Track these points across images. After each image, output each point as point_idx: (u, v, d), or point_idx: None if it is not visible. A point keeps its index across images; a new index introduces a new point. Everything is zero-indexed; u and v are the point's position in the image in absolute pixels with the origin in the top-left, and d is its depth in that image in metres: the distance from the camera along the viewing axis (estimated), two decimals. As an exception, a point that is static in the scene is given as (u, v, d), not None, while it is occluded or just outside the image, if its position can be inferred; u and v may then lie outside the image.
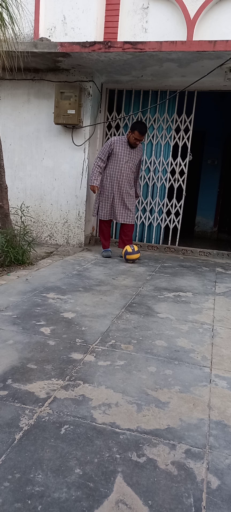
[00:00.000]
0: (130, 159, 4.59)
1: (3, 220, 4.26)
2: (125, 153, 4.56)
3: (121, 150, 4.55)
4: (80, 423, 1.50)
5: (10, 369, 1.87)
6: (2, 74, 4.68)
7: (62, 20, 5.21)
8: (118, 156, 4.56)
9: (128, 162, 4.57)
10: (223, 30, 4.62)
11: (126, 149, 4.56)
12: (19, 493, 1.15)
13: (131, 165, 4.62)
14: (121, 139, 4.56)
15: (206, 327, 2.67)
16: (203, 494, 1.20)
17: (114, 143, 4.55)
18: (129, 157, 4.58)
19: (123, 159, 4.55)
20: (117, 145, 4.55)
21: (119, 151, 4.55)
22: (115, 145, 4.55)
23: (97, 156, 4.69)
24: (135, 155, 4.63)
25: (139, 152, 4.69)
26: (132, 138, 4.46)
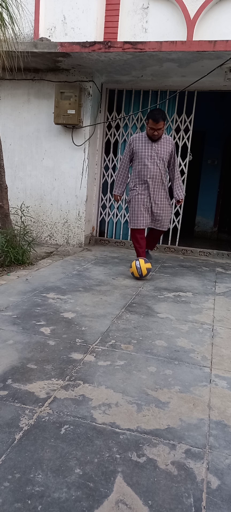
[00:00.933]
0: (155, 154, 3.90)
1: (3, 220, 4.26)
2: (146, 149, 3.93)
3: (141, 146, 3.97)
4: (80, 423, 1.50)
5: (10, 369, 1.87)
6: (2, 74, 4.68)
7: (62, 20, 5.21)
8: (139, 154, 3.95)
9: (153, 158, 3.90)
10: (223, 30, 4.62)
11: (147, 144, 3.93)
12: (19, 493, 1.15)
13: (158, 161, 3.91)
14: (140, 135, 3.99)
15: (206, 327, 2.67)
16: (203, 494, 1.20)
17: (133, 141, 3.99)
18: (153, 152, 3.90)
19: (145, 155, 3.93)
20: (136, 142, 3.97)
21: (139, 147, 3.97)
22: (134, 143, 3.99)
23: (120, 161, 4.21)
24: (160, 149, 3.93)
25: (165, 145, 3.96)
26: (148, 129, 3.86)
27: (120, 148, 5.66)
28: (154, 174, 3.91)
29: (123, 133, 5.63)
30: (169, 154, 3.97)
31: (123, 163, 4.08)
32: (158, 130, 3.81)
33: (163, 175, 3.98)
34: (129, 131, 5.57)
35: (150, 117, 3.78)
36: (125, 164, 4.06)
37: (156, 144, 3.91)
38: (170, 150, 3.97)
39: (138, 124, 5.55)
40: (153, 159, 3.91)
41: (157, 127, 3.79)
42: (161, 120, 3.77)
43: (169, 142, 3.98)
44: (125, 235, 5.85)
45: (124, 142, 5.65)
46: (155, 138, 3.88)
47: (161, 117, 3.78)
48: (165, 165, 3.98)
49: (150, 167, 3.91)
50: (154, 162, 3.91)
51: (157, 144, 3.92)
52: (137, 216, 3.97)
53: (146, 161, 3.91)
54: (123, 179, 4.09)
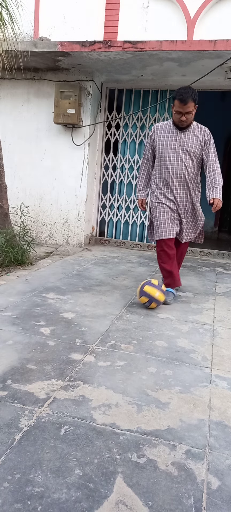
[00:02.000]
0: (180, 147, 3.06)
1: (3, 220, 4.25)
2: (169, 139, 3.09)
3: (163, 136, 3.12)
4: (80, 423, 1.49)
5: (10, 369, 1.86)
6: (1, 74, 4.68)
7: (62, 19, 5.21)
8: (160, 146, 3.13)
9: (177, 151, 3.07)
10: (224, 29, 4.62)
11: (171, 134, 3.09)
12: (19, 494, 1.14)
13: (183, 155, 3.06)
14: (164, 123, 3.20)
15: (207, 328, 2.67)
16: (203, 494, 1.20)
17: (154, 130, 3.20)
18: (177, 143, 3.06)
19: (166, 147, 3.09)
20: (158, 132, 3.17)
21: (161, 138, 3.13)
22: (156, 132, 3.18)
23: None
24: (188, 140, 3.06)
25: (196, 135, 3.07)
26: (173, 114, 3.03)
27: (120, 148, 5.66)
28: (177, 173, 3.09)
29: (123, 132, 5.62)
30: (201, 148, 3.08)
31: (143, 161, 3.34)
32: (186, 115, 2.96)
33: (190, 175, 3.11)
34: (129, 131, 5.57)
35: (177, 97, 2.94)
36: (145, 161, 3.32)
37: (183, 134, 3.06)
38: (202, 143, 3.08)
39: (138, 124, 5.54)
40: (176, 152, 3.07)
41: (184, 110, 2.93)
42: (190, 101, 2.90)
43: (201, 133, 3.08)
44: (125, 235, 5.85)
45: (124, 141, 5.65)
46: (183, 125, 3.03)
47: (191, 97, 2.90)
48: (194, 162, 3.09)
49: (172, 162, 3.08)
50: (177, 156, 3.07)
51: (185, 134, 3.07)
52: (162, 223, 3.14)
53: (166, 154, 3.10)
54: (144, 180, 3.35)
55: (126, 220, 5.76)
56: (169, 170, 3.10)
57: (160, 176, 3.17)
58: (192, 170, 3.11)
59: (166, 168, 3.12)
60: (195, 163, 3.11)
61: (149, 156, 3.29)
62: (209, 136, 3.11)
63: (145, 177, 3.35)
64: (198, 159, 3.12)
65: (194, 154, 3.08)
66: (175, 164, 3.08)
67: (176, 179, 3.11)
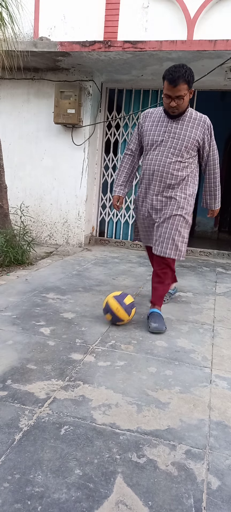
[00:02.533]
0: (171, 139, 2.49)
1: (3, 220, 4.25)
2: (159, 129, 2.53)
3: (152, 125, 2.57)
4: (80, 423, 1.49)
5: (10, 369, 1.86)
6: (1, 74, 4.68)
7: (62, 19, 5.21)
8: (147, 137, 2.57)
9: (166, 145, 2.50)
10: (224, 29, 4.62)
11: (162, 122, 2.54)
12: (19, 494, 1.14)
13: (173, 149, 2.49)
14: (155, 110, 2.65)
15: (207, 328, 2.67)
16: (203, 494, 1.20)
17: (143, 117, 2.66)
18: (168, 134, 2.50)
19: (155, 138, 2.53)
20: (146, 119, 2.62)
21: (149, 126, 2.58)
22: (144, 120, 2.63)
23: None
24: (182, 130, 2.49)
25: (192, 126, 2.50)
26: (164, 99, 2.45)
27: (120, 148, 5.66)
28: (163, 172, 2.50)
29: (123, 132, 5.62)
30: (197, 142, 2.50)
31: (126, 152, 2.75)
32: (176, 99, 2.38)
33: (180, 177, 2.52)
34: (129, 131, 5.57)
35: (165, 77, 2.39)
36: (129, 153, 2.72)
37: (175, 124, 2.49)
38: (200, 137, 2.49)
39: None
40: (164, 146, 2.50)
41: (174, 94, 2.36)
42: (181, 82, 2.32)
43: (200, 123, 2.50)
44: (125, 235, 5.85)
45: (124, 141, 5.64)
46: (174, 113, 2.46)
47: (182, 77, 2.32)
48: (187, 159, 2.52)
49: (158, 158, 2.51)
50: (165, 150, 2.49)
51: (177, 123, 2.49)
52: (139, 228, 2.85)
53: (152, 148, 2.55)
54: (125, 175, 2.73)
55: (126, 220, 5.76)
56: (154, 168, 2.52)
57: (144, 173, 2.63)
58: (179, 167, 2.50)
59: (150, 164, 2.55)
60: (186, 160, 2.51)
61: (135, 148, 2.71)
62: (209, 128, 2.53)
63: (126, 171, 2.73)
64: (191, 155, 2.53)
65: (187, 150, 2.48)
66: (162, 160, 2.49)
67: (160, 179, 2.52)
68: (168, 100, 2.41)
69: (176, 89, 2.35)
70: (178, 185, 2.54)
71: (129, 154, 2.74)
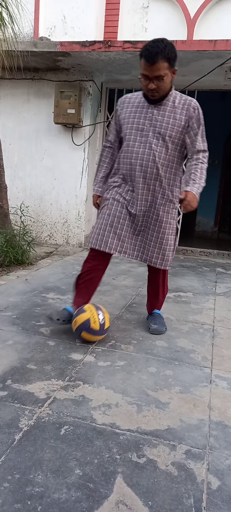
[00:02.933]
0: (152, 127, 2.15)
1: (3, 220, 4.25)
2: (138, 116, 2.19)
3: (130, 111, 2.23)
4: (80, 423, 1.49)
5: (10, 369, 1.86)
6: (1, 74, 4.68)
7: (62, 19, 5.21)
8: (125, 125, 2.23)
9: (147, 134, 2.16)
10: (224, 29, 4.62)
11: (141, 108, 2.20)
12: (19, 494, 1.14)
13: (156, 140, 2.14)
14: (134, 95, 2.30)
15: (207, 328, 2.67)
16: (203, 494, 1.20)
17: (120, 103, 2.31)
18: (148, 121, 2.16)
19: (134, 127, 2.19)
20: (124, 106, 2.28)
21: (127, 113, 2.24)
22: (122, 107, 2.29)
23: None
24: (164, 117, 2.15)
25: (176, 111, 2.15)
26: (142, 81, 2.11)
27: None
28: (145, 164, 2.16)
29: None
30: (182, 129, 2.14)
31: (106, 145, 2.40)
32: (155, 80, 2.03)
33: (163, 170, 2.18)
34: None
35: (141, 54, 2.05)
36: (109, 145, 2.38)
37: (156, 110, 2.15)
38: (185, 122, 2.13)
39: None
40: (145, 135, 2.15)
41: (152, 73, 2.01)
42: (160, 59, 1.99)
43: (184, 107, 2.14)
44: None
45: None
46: (154, 97, 2.11)
47: (161, 54, 1.99)
48: (171, 150, 2.16)
49: (136, 149, 2.17)
50: (145, 141, 2.15)
51: (158, 109, 2.15)
52: (100, 231, 2.25)
53: (131, 137, 2.19)
54: (104, 171, 2.41)
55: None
56: (131, 160, 2.18)
57: (121, 166, 2.26)
58: (164, 162, 2.17)
59: (128, 156, 2.20)
60: (172, 151, 2.17)
61: (114, 140, 2.35)
62: (196, 112, 2.15)
63: (106, 166, 2.39)
64: (177, 145, 2.17)
65: (171, 139, 2.13)
66: (140, 151, 2.16)
67: (139, 173, 2.18)
68: (146, 82, 2.07)
69: (154, 68, 2.00)
70: (162, 183, 2.21)
71: (108, 146, 2.39)
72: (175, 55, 2.10)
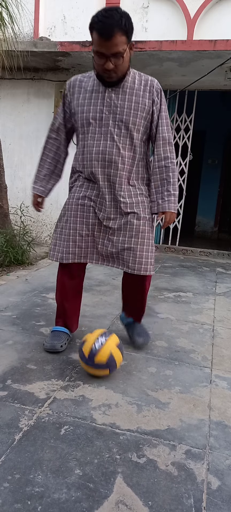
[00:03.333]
0: (112, 114, 1.85)
1: (3, 220, 4.25)
2: (94, 102, 1.87)
3: (83, 97, 1.90)
4: (80, 423, 1.49)
5: (10, 369, 1.86)
6: (1, 74, 4.68)
7: (62, 19, 5.20)
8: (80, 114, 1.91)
9: (107, 122, 1.86)
10: (224, 29, 4.62)
11: (97, 92, 1.87)
12: (19, 494, 1.14)
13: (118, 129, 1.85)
14: (85, 76, 1.95)
15: (207, 328, 2.67)
16: (203, 494, 1.20)
17: (70, 87, 1.96)
18: (107, 108, 1.85)
19: (90, 115, 1.88)
20: (75, 89, 1.94)
21: (80, 99, 1.91)
22: (72, 91, 1.94)
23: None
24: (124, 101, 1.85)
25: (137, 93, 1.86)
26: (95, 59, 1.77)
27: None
28: (108, 159, 1.86)
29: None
30: (146, 113, 1.87)
31: (50, 135, 2.07)
32: (113, 58, 1.70)
33: (127, 162, 1.88)
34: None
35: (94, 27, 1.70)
36: (54, 135, 2.06)
37: (114, 94, 1.83)
38: (147, 104, 1.86)
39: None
40: (104, 125, 1.85)
41: (109, 50, 1.68)
42: (118, 33, 1.65)
43: (146, 88, 1.86)
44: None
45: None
46: (111, 79, 1.78)
47: (118, 26, 1.65)
48: (135, 139, 1.87)
49: (97, 141, 1.87)
50: (105, 131, 1.85)
51: (117, 92, 1.83)
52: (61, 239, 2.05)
53: (88, 128, 1.88)
54: (48, 166, 2.11)
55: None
56: (92, 156, 1.88)
57: (80, 165, 1.99)
58: (130, 154, 1.88)
59: (88, 152, 1.90)
60: (137, 141, 1.88)
61: (61, 128, 2.02)
62: (159, 94, 1.88)
63: (50, 161, 2.08)
64: (143, 134, 1.89)
65: (136, 127, 1.85)
66: (101, 145, 1.85)
67: (102, 169, 1.88)
68: (101, 61, 1.72)
69: (111, 44, 1.66)
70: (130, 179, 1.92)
71: (54, 138, 2.05)
72: (132, 27, 1.73)
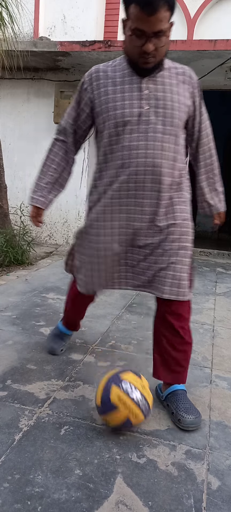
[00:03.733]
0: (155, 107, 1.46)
1: (3, 220, 4.25)
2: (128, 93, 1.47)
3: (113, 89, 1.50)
4: (80, 423, 1.49)
5: (10, 369, 1.86)
6: (1, 74, 4.67)
7: (62, 19, 5.20)
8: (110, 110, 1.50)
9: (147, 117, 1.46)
10: (224, 29, 4.62)
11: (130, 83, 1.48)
12: (19, 494, 1.14)
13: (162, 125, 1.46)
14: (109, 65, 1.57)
15: (207, 328, 2.66)
16: (203, 495, 1.20)
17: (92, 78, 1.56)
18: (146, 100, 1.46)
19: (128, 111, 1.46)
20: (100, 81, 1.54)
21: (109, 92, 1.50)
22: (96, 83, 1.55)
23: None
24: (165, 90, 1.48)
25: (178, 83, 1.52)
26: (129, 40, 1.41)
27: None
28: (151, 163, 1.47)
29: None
30: (187, 106, 1.55)
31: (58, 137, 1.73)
32: (155, 38, 1.37)
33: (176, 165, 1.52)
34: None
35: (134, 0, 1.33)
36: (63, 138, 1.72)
37: (152, 83, 1.48)
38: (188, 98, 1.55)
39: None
40: (144, 121, 1.47)
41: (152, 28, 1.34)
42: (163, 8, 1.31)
43: (184, 79, 1.55)
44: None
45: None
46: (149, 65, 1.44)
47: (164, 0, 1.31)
48: (179, 134, 1.52)
49: (135, 144, 1.47)
50: (147, 130, 1.47)
51: (155, 81, 1.49)
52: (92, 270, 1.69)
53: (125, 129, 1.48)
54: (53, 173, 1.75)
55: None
56: (130, 160, 1.47)
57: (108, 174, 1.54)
58: (173, 155, 1.50)
59: (123, 157, 1.48)
60: (179, 139, 1.52)
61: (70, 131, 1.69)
62: (198, 87, 1.63)
63: (55, 167, 1.71)
64: (182, 129, 1.55)
65: (179, 122, 1.50)
66: (142, 146, 1.45)
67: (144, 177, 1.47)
68: (139, 41, 1.36)
69: (154, 20, 1.32)
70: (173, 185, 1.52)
71: (61, 140, 1.70)
72: (176, 3, 1.41)
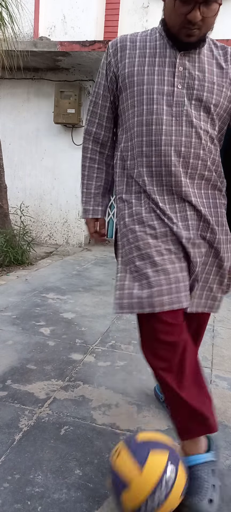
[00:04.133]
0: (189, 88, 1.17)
1: (3, 220, 4.25)
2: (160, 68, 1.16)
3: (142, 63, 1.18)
4: (80, 424, 1.49)
5: (10, 369, 1.86)
6: (1, 74, 4.67)
7: (62, 19, 5.21)
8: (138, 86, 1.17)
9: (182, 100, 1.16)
10: (224, 29, 4.62)
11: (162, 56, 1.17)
12: (19, 494, 1.14)
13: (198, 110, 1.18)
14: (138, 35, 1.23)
15: (207, 328, 2.65)
16: (203, 495, 1.20)
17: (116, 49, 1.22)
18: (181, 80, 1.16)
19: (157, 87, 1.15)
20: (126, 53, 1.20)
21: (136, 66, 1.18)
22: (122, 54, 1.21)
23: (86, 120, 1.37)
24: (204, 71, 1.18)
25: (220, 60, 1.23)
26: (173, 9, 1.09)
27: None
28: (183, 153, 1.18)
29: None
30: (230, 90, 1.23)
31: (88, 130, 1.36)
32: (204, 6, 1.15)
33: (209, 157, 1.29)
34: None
35: None
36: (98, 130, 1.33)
37: (188, 61, 1.18)
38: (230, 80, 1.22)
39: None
40: (179, 103, 1.16)
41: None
42: None
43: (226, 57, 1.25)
44: (124, 234, 5.84)
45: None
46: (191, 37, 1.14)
47: None
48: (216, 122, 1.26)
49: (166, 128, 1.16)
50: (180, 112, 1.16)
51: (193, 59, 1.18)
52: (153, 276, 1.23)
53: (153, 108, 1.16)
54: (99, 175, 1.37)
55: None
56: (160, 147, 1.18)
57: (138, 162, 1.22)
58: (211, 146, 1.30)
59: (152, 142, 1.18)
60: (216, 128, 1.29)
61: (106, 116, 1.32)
62: None
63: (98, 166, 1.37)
64: (221, 118, 1.28)
65: (217, 109, 1.23)
66: (174, 131, 1.17)
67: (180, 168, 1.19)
68: (186, 8, 1.10)
69: None
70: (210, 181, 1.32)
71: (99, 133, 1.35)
72: None
